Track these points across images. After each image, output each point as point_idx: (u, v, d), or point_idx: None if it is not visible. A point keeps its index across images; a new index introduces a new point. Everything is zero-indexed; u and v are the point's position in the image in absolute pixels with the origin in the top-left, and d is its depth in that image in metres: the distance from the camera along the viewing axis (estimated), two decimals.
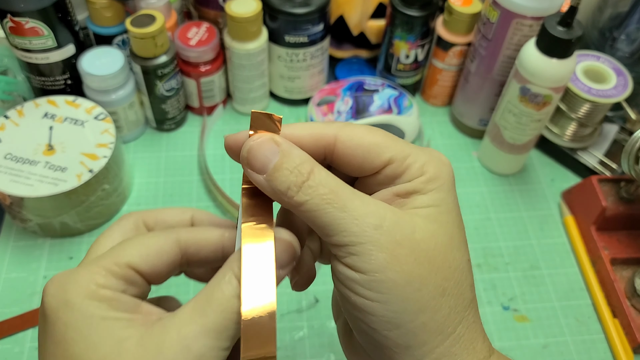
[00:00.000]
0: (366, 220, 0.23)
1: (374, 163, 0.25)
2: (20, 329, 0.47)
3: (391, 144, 0.25)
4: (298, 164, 0.23)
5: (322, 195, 0.23)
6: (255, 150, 0.23)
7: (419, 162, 0.25)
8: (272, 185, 0.23)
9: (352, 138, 0.25)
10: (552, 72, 0.49)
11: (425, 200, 0.25)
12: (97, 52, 0.55)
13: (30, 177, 0.48)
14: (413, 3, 0.58)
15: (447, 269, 0.24)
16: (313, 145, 0.25)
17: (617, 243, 0.54)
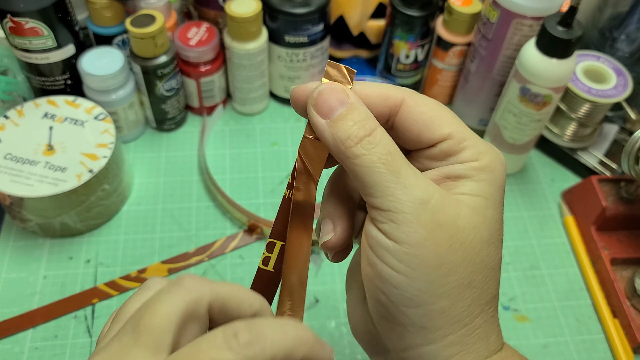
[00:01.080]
0: (414, 192, 0.22)
1: (434, 134, 0.25)
2: (21, 329, 0.47)
3: (455, 121, 0.25)
4: (363, 118, 0.23)
5: (380, 154, 0.23)
6: (326, 94, 0.23)
7: (477, 148, 0.25)
8: (333, 131, 0.23)
9: (419, 104, 0.25)
10: (552, 72, 0.49)
11: (474, 188, 0.24)
12: (97, 52, 0.55)
13: (30, 177, 0.48)
14: (413, 3, 0.58)
15: (479, 263, 0.24)
16: (381, 104, 0.25)
17: (617, 243, 0.54)
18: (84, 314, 0.48)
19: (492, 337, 0.25)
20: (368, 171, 0.23)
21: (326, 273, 0.52)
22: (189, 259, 0.52)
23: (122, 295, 0.49)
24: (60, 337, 0.47)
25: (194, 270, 0.51)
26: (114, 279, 0.50)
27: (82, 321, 0.48)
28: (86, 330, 0.47)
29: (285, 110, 0.65)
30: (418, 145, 0.26)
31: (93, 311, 0.48)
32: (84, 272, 0.51)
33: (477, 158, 0.25)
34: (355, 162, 0.23)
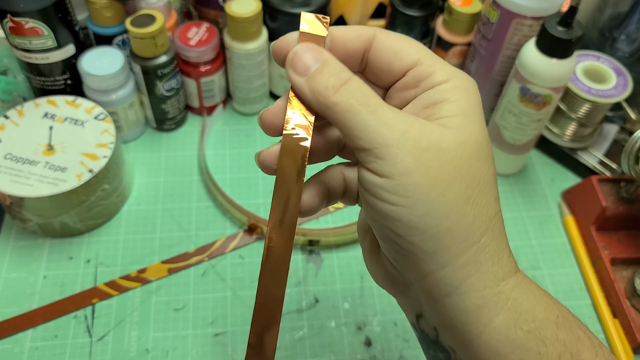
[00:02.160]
0: (394, 125, 0.23)
1: (403, 61, 0.26)
2: (20, 329, 0.47)
3: (422, 49, 0.26)
4: (338, 70, 0.24)
5: (357, 97, 0.24)
6: (300, 54, 0.25)
7: (445, 71, 0.26)
8: (311, 85, 0.25)
9: (388, 36, 0.27)
10: (552, 72, 0.49)
11: (452, 108, 0.25)
12: (97, 52, 0.55)
13: (30, 177, 0.48)
14: (413, 3, 0.58)
15: (471, 178, 0.24)
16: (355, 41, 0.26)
17: (617, 243, 0.54)
18: (84, 314, 0.48)
19: (503, 258, 0.25)
20: (349, 115, 0.24)
21: (326, 273, 0.52)
22: (189, 258, 0.52)
23: (122, 295, 0.49)
24: (60, 337, 0.47)
25: (193, 270, 0.51)
26: (114, 278, 0.50)
27: (82, 321, 0.48)
28: (86, 330, 0.47)
29: None
30: (391, 76, 0.27)
31: (93, 311, 0.48)
32: (84, 272, 0.51)
33: (448, 79, 0.25)
34: (335, 109, 0.24)
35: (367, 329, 0.49)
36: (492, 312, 0.24)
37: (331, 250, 0.53)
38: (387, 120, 0.23)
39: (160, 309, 0.49)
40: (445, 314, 0.25)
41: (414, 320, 0.28)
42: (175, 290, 0.50)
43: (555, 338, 0.24)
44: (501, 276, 0.25)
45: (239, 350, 0.47)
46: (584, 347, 0.25)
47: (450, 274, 0.24)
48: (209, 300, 0.49)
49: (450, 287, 0.24)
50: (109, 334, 0.47)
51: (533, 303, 0.25)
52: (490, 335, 0.24)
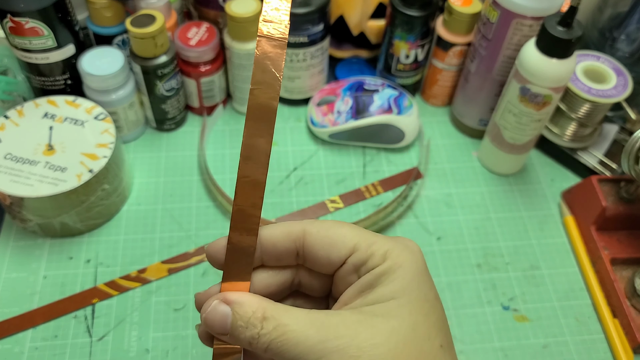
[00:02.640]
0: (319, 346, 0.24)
1: (340, 252, 0.26)
2: (21, 329, 0.47)
3: (356, 233, 0.27)
4: (250, 316, 0.25)
5: (277, 339, 0.24)
6: (210, 319, 0.26)
7: (383, 249, 0.26)
8: (237, 341, 0.25)
9: (319, 230, 0.27)
10: (552, 72, 0.49)
11: (385, 292, 0.25)
12: (97, 52, 0.55)
13: (30, 177, 0.48)
14: (413, 3, 0.58)
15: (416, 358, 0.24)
16: (285, 242, 0.27)
17: (617, 243, 0.54)
18: (84, 314, 0.48)
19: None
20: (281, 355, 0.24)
21: None
22: (189, 258, 0.52)
23: (122, 295, 0.49)
24: (60, 337, 0.47)
25: (194, 270, 0.51)
26: (114, 278, 0.50)
27: (82, 321, 0.48)
28: (86, 330, 0.47)
29: (284, 110, 0.65)
30: (332, 266, 0.27)
31: (93, 311, 0.48)
32: (84, 272, 0.51)
33: (385, 258, 0.26)
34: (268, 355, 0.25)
35: None
36: None
37: None
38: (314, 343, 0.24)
39: (161, 308, 0.49)
40: None
41: None
42: (176, 290, 0.50)
43: None
44: None
45: None
46: None
47: None
48: None
49: None
50: (109, 334, 0.47)
51: None
52: None
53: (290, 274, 0.29)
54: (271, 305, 0.25)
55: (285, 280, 0.29)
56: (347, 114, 0.59)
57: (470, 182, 0.60)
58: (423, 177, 0.60)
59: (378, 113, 0.59)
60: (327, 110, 0.61)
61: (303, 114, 0.65)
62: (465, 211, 0.57)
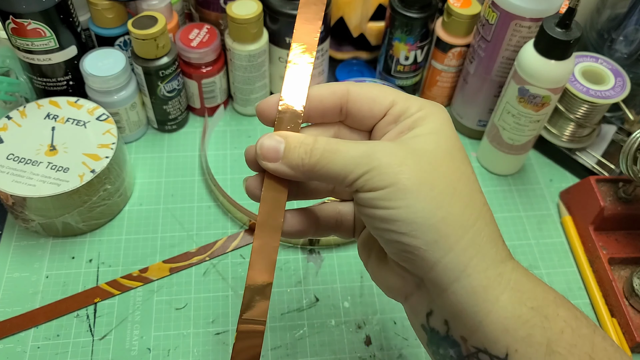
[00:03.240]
0: (370, 152, 0.27)
1: (382, 104, 0.30)
2: (23, 328, 0.47)
3: (395, 91, 0.30)
4: (302, 140, 0.28)
5: (328, 150, 0.27)
6: (265, 146, 0.28)
7: (418, 103, 0.29)
8: (288, 164, 0.28)
9: (362, 87, 0.30)
10: (551, 73, 0.50)
11: (423, 129, 0.28)
12: (99, 53, 0.56)
13: (33, 178, 0.49)
14: (412, 5, 0.58)
15: (452, 173, 0.27)
16: (331, 99, 0.30)
17: (615, 243, 0.54)
18: (86, 313, 0.49)
19: (499, 242, 0.28)
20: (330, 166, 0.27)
21: (326, 272, 0.52)
22: (190, 258, 0.52)
23: (124, 295, 0.50)
24: (63, 337, 0.47)
25: (195, 269, 0.52)
26: (115, 278, 0.51)
27: (84, 320, 0.48)
28: (88, 329, 0.48)
29: None
30: (374, 119, 0.30)
31: (95, 310, 0.49)
32: (86, 272, 0.51)
33: (420, 108, 0.29)
34: (318, 168, 0.27)
35: (367, 328, 0.49)
36: (498, 291, 0.26)
37: (331, 250, 0.54)
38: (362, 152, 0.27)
39: (162, 308, 0.49)
40: (455, 301, 0.27)
41: (424, 321, 0.29)
42: (177, 289, 0.50)
43: (556, 315, 0.26)
44: (500, 258, 0.27)
45: None
46: (582, 324, 0.27)
47: (454, 258, 0.26)
48: (210, 300, 0.50)
49: (456, 271, 0.26)
50: (110, 333, 0.48)
51: (532, 284, 0.27)
52: (499, 313, 0.26)
53: (332, 132, 0.31)
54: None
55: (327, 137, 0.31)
56: None
57: None
58: None
59: None
60: None
61: None
62: None
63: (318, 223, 0.33)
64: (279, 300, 0.50)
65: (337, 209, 0.34)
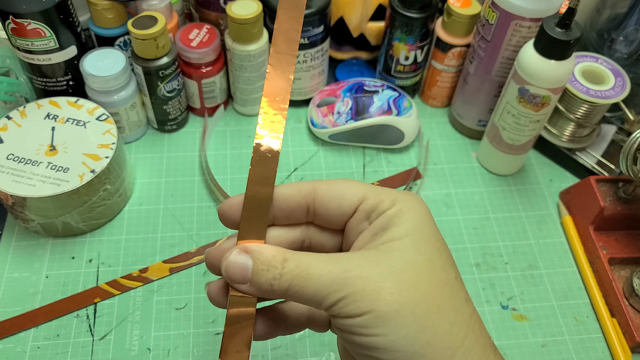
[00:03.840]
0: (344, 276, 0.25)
1: (351, 200, 0.28)
2: (23, 328, 0.47)
3: (363, 185, 0.28)
4: (270, 259, 0.26)
5: (299, 275, 0.25)
6: (231, 267, 0.26)
7: (391, 197, 0.27)
8: (257, 288, 0.26)
9: (328, 185, 0.28)
10: (551, 73, 0.50)
11: (399, 231, 0.26)
12: (99, 53, 0.56)
13: (33, 178, 0.49)
14: (412, 5, 0.58)
15: (434, 288, 0.25)
16: (296, 195, 0.28)
17: (615, 243, 0.54)
18: (85, 313, 0.49)
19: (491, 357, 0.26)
20: (302, 292, 0.25)
21: None
22: (190, 258, 0.52)
23: (124, 295, 0.50)
24: (62, 337, 0.47)
25: (195, 269, 0.52)
26: (115, 278, 0.51)
27: (84, 320, 0.48)
28: (88, 329, 0.48)
29: None
30: (344, 217, 0.28)
31: (95, 310, 0.49)
32: (85, 272, 0.51)
33: (394, 204, 0.27)
34: (289, 294, 0.26)
35: None
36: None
37: None
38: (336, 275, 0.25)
39: (162, 308, 0.49)
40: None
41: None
42: (177, 289, 0.50)
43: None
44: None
45: None
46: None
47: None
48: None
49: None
50: (110, 333, 0.48)
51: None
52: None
53: (300, 233, 0.29)
54: (290, 251, 0.26)
55: (295, 239, 0.29)
56: (347, 115, 0.60)
57: (469, 183, 0.60)
58: (422, 177, 0.60)
59: (378, 114, 0.60)
60: (327, 111, 0.61)
61: (303, 115, 0.65)
62: (464, 211, 0.58)
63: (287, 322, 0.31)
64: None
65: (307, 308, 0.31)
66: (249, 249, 0.26)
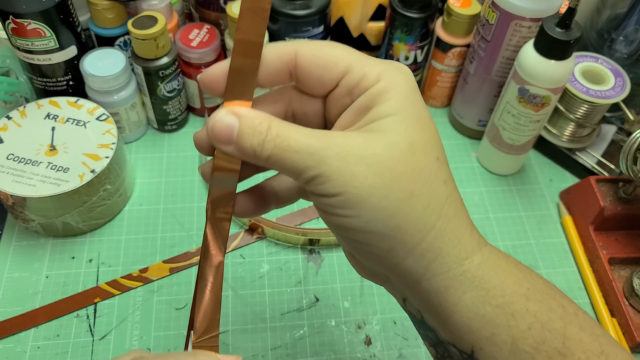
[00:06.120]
0: (320, 153, 0.24)
1: (332, 74, 0.26)
2: (23, 328, 0.47)
3: (349, 54, 0.27)
4: (257, 124, 0.25)
5: (280, 145, 0.25)
6: (218, 128, 0.26)
7: (375, 71, 0.26)
8: (241, 150, 0.26)
9: (311, 51, 0.26)
10: (551, 73, 0.50)
11: (382, 110, 0.25)
12: (99, 53, 0.56)
13: (33, 178, 0.49)
14: (412, 5, 0.58)
15: (410, 172, 0.25)
16: (276, 61, 0.26)
17: (615, 243, 0.54)
18: (85, 313, 0.49)
19: (464, 237, 0.26)
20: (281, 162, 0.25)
21: (326, 272, 0.52)
22: (190, 258, 0.52)
23: (124, 295, 0.50)
24: (63, 336, 0.47)
25: (195, 269, 0.52)
26: (115, 278, 0.51)
27: (84, 320, 0.48)
28: (88, 329, 0.48)
29: None
30: (325, 88, 0.27)
31: (95, 310, 0.49)
32: (86, 272, 0.51)
33: (378, 79, 0.26)
34: (269, 162, 0.25)
35: (367, 328, 0.49)
36: (460, 291, 0.26)
37: (331, 250, 0.54)
38: (313, 150, 0.24)
39: (162, 308, 0.49)
40: (421, 298, 0.27)
41: (402, 304, 0.29)
42: (177, 289, 0.50)
43: (525, 310, 0.25)
44: (464, 255, 0.26)
45: (240, 349, 0.47)
46: (556, 317, 0.26)
47: (413, 263, 0.26)
48: None
49: (416, 274, 0.26)
50: (110, 333, 0.48)
51: (501, 278, 0.26)
52: (462, 313, 0.26)
53: (283, 104, 0.29)
54: (276, 119, 0.26)
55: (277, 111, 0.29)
56: None
57: (469, 183, 0.60)
58: None
59: None
60: None
61: None
62: None
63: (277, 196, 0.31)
64: (279, 300, 0.50)
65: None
66: (238, 112, 0.26)
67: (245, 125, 0.25)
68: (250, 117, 0.25)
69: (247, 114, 0.26)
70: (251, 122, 0.25)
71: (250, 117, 0.25)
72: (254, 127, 0.25)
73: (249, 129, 0.25)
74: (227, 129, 0.25)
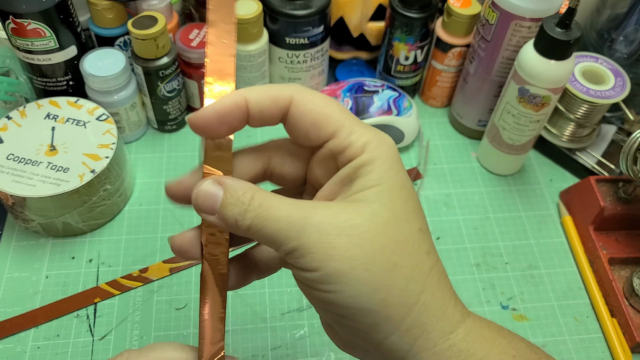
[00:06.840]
0: (299, 223, 0.24)
1: (320, 132, 0.26)
2: (23, 328, 0.47)
3: (339, 117, 0.26)
4: (240, 195, 0.25)
5: (260, 215, 0.24)
6: (202, 196, 0.26)
7: (361, 141, 0.26)
8: (224, 221, 0.25)
9: (307, 103, 0.26)
10: (551, 73, 0.50)
11: (365, 181, 0.25)
12: (99, 53, 0.56)
13: (33, 178, 0.49)
14: (412, 5, 0.58)
15: (393, 243, 0.24)
16: (271, 107, 0.26)
17: (615, 243, 0.54)
18: (85, 313, 0.49)
19: (448, 310, 0.26)
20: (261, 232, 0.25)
21: None
22: None
23: (124, 295, 0.50)
24: (63, 337, 0.47)
25: (195, 269, 0.52)
26: (115, 278, 0.51)
27: (84, 320, 0.48)
28: (88, 329, 0.48)
29: None
30: (310, 143, 0.27)
31: (95, 310, 0.49)
32: (86, 272, 0.51)
33: (364, 150, 0.26)
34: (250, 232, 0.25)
35: None
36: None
37: None
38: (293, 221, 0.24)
39: (162, 308, 0.49)
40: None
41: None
42: (177, 289, 0.50)
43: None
44: (449, 329, 0.25)
45: (240, 350, 0.47)
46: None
47: (398, 339, 0.25)
48: None
49: (402, 351, 0.25)
50: (110, 333, 0.48)
51: (486, 349, 0.26)
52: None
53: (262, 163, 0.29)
54: (260, 189, 0.26)
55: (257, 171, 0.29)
56: None
57: (469, 183, 0.60)
58: (422, 177, 0.60)
59: (378, 114, 0.60)
60: None
61: None
62: (464, 211, 0.58)
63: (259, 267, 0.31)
64: (279, 300, 0.50)
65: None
66: (223, 182, 0.26)
67: (229, 196, 0.25)
68: (234, 188, 0.25)
69: (232, 185, 0.25)
70: (235, 193, 0.25)
71: (234, 187, 0.25)
72: (237, 197, 0.25)
73: (232, 199, 0.25)
74: (210, 199, 0.25)
